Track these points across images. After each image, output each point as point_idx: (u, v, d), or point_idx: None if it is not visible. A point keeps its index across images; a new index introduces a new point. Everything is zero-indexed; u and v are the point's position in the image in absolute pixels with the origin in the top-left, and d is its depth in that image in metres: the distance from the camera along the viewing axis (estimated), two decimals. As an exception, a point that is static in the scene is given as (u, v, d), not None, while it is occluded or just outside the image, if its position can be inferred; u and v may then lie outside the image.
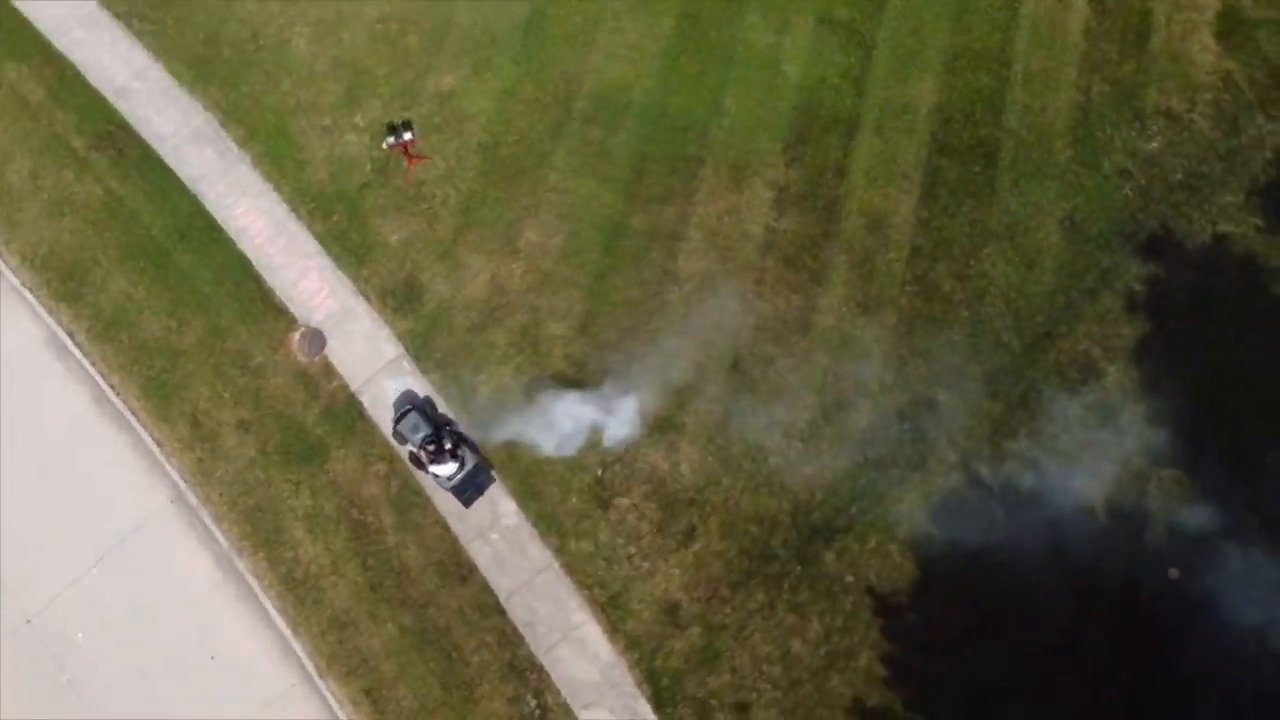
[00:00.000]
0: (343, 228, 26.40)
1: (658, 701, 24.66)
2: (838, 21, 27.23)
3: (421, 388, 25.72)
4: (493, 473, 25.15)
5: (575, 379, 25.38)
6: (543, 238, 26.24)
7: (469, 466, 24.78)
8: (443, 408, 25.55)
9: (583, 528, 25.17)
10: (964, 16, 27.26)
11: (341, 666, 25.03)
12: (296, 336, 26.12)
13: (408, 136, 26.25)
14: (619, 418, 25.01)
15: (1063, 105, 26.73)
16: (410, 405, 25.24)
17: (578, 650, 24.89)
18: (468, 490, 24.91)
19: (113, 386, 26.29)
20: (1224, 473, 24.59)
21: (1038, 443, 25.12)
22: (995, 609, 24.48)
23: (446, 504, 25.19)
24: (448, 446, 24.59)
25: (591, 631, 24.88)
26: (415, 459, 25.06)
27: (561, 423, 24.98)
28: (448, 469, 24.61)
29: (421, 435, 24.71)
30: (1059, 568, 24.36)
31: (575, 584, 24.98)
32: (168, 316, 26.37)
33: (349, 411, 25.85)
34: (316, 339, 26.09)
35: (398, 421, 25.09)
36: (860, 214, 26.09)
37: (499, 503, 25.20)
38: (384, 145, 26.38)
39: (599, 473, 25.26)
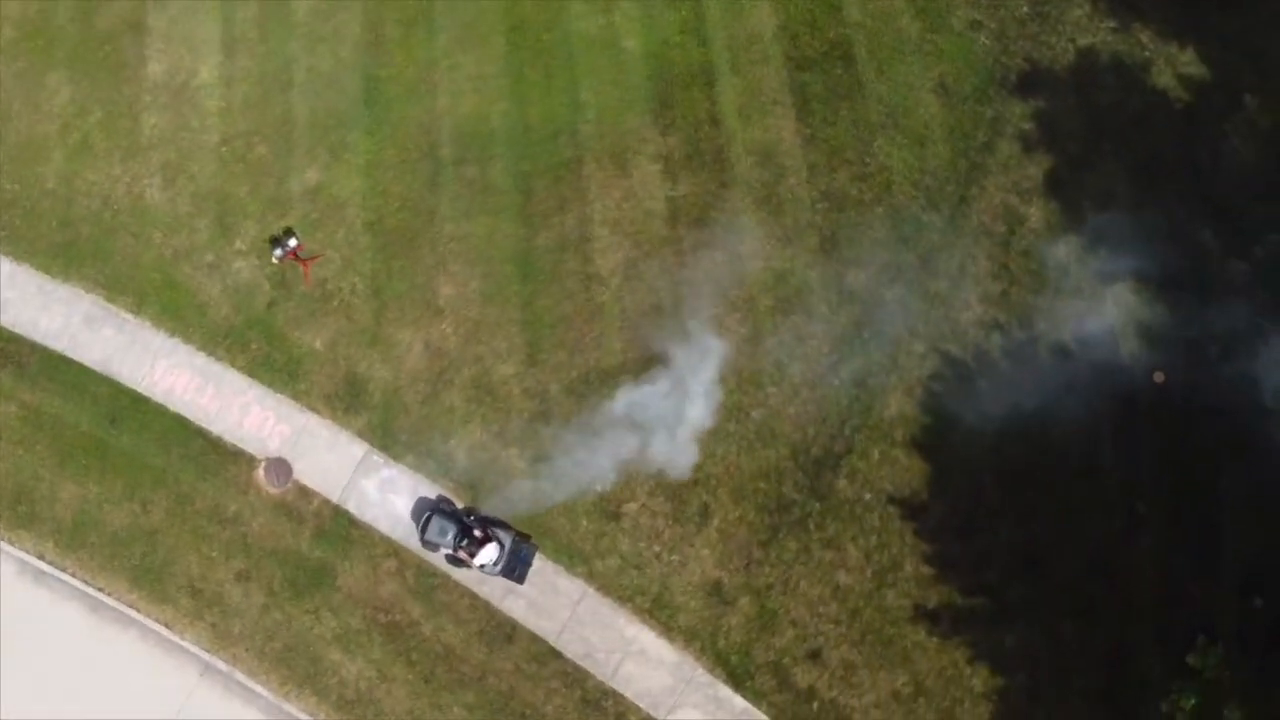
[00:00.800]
0: (265, 353, 26.01)
1: (735, 680, 24.77)
2: (657, -20, 27.36)
3: (400, 475, 25.49)
4: (533, 541, 24.94)
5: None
6: (459, 289, 26.07)
7: (508, 545, 24.54)
8: (438, 491, 25.44)
9: (602, 546, 25.14)
10: (771, -68, 27.50)
11: (423, 766, 24.86)
12: (261, 472, 25.73)
13: (293, 243, 25.90)
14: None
15: (896, -18, 27.07)
16: (429, 511, 24.95)
17: (641, 662, 24.89)
18: (516, 567, 24.65)
19: (102, 590, 25.70)
20: (1169, 265, 25.19)
21: (991, 303, 25.53)
22: (1012, 470, 24.93)
23: (466, 572, 25.02)
24: (478, 535, 24.44)
25: (648, 640, 24.89)
26: (454, 560, 24.84)
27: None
28: (490, 554, 24.39)
29: (452, 535, 24.51)
30: (1054, 411, 24.84)
31: (616, 601, 24.98)
32: (129, 502, 25.82)
33: (339, 522, 25.54)
34: (282, 467, 25.72)
35: (423, 531, 24.77)
36: (748, 153, 26.25)
37: (516, 553, 25.17)
38: (273, 260, 26.01)
39: (597, 489, 25.24)
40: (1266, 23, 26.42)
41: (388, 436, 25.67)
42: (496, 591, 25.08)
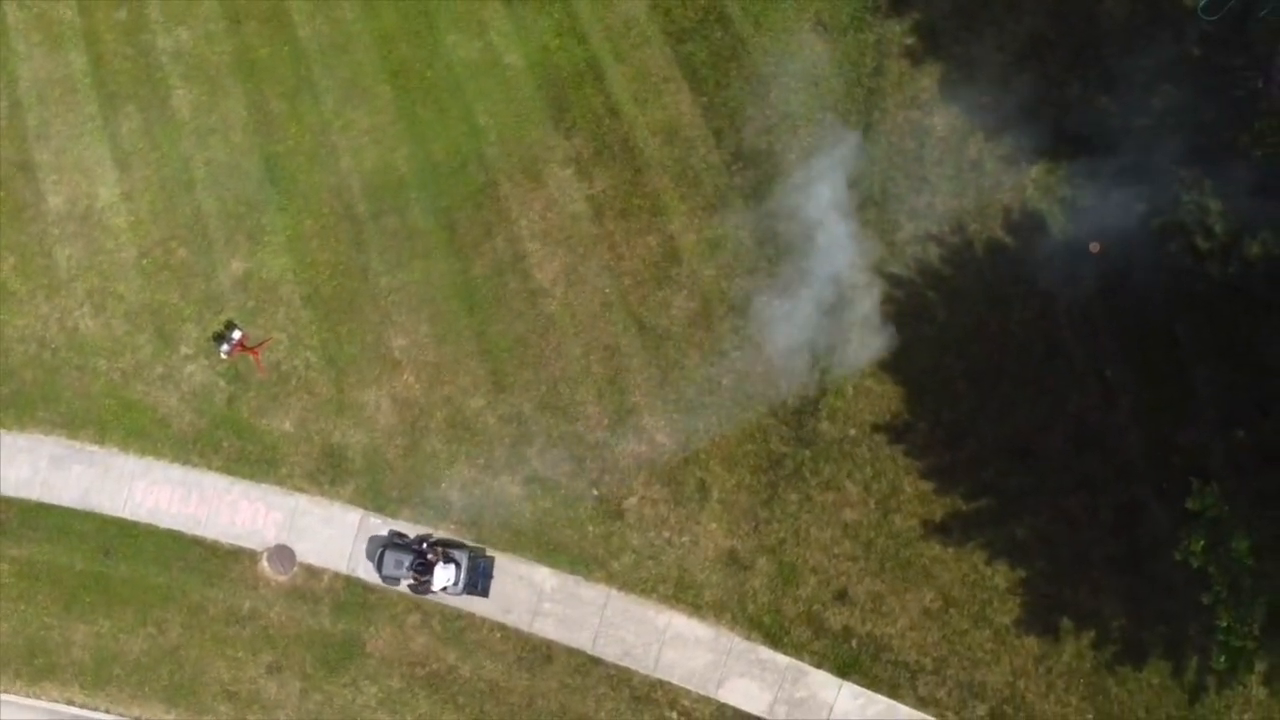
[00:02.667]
0: (238, 448, 26.03)
1: (772, 639, 25.21)
2: (520, -7, 27.50)
3: (396, 527, 25.71)
4: (489, 552, 25.29)
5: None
6: (411, 337, 26.20)
7: (464, 563, 24.87)
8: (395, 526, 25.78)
9: (613, 546, 25.46)
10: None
11: (494, 805, 25.14)
12: (265, 563, 25.78)
13: (237, 335, 25.88)
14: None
15: (741, -66, 27.33)
16: (381, 547, 25.22)
17: (679, 646, 25.26)
18: (478, 582, 25.03)
19: (139, 718, 25.71)
20: (1077, 136, 25.79)
21: (919, 216, 25.99)
22: (981, 370, 25.49)
23: (489, 607, 25.28)
24: (431, 559, 24.70)
25: (680, 623, 25.27)
26: (417, 588, 25.06)
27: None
28: (446, 575, 24.67)
29: (407, 565, 24.82)
30: (1007, 303, 25.47)
31: (640, 595, 25.34)
32: (143, 627, 25.80)
33: (354, 591, 25.67)
34: (284, 554, 25.77)
35: (380, 568, 25.06)
36: (653, 135, 26.52)
37: (533, 575, 25.38)
38: (222, 356, 25.98)
39: (595, 493, 25.55)
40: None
41: (379, 496, 25.82)
42: (524, 617, 25.34)
